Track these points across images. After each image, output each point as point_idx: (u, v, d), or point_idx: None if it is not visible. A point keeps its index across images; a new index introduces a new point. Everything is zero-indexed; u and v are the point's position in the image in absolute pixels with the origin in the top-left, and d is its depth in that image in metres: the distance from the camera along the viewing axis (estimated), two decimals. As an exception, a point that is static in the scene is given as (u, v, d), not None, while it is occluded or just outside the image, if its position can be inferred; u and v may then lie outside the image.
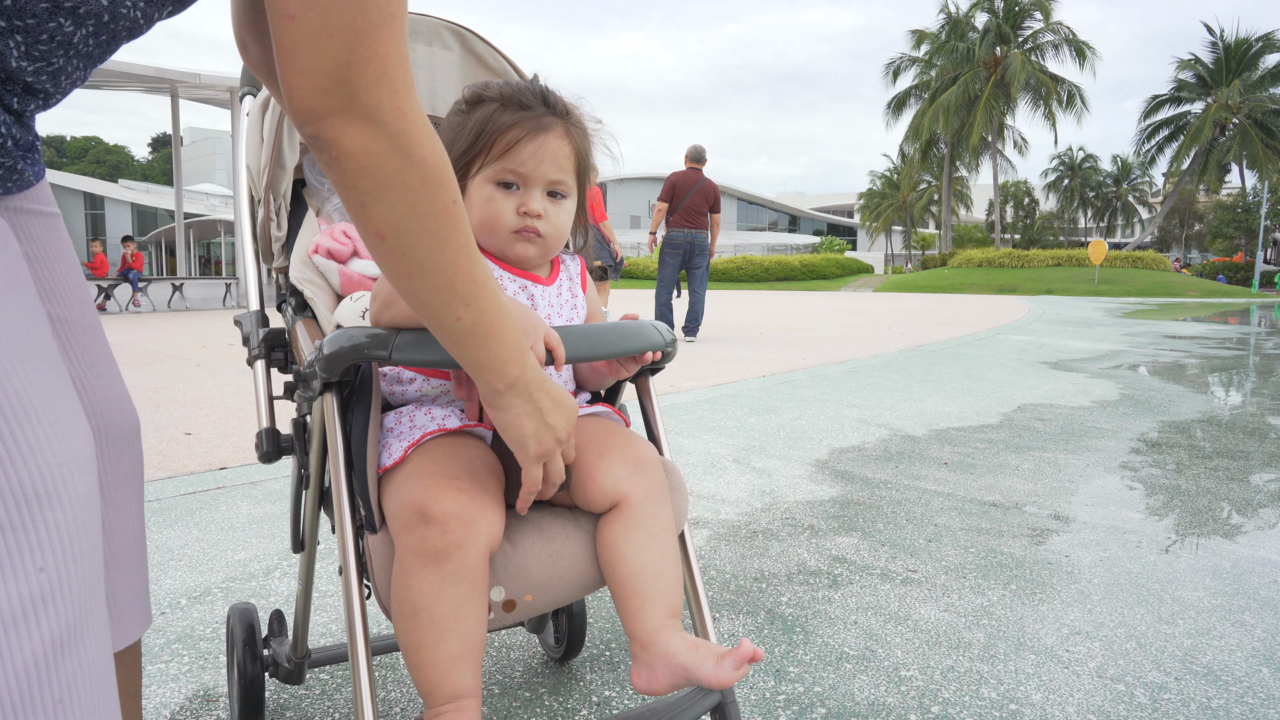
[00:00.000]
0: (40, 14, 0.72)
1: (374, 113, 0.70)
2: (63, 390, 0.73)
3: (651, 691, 0.98)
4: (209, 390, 5.37)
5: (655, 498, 1.06)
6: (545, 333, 0.97)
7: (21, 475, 0.66)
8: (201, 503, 2.90)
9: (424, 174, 0.75)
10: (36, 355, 0.71)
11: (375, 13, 0.68)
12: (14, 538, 0.66)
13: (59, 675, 0.67)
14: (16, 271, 0.72)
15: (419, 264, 0.79)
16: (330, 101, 0.69)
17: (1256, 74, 45.11)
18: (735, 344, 9.03)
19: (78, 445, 0.72)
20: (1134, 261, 37.03)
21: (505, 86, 1.13)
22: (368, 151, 0.71)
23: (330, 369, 0.95)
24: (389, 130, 0.71)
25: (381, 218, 0.75)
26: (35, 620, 0.65)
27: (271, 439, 1.21)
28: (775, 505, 2.98)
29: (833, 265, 45.71)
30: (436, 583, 0.92)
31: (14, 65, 0.73)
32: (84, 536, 0.71)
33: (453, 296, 0.81)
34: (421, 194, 0.75)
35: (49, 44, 0.74)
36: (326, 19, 0.66)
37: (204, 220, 29.78)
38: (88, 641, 0.70)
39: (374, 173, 0.73)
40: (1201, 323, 14.64)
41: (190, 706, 1.60)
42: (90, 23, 0.76)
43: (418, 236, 0.77)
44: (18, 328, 0.69)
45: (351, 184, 0.73)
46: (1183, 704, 1.63)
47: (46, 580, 0.66)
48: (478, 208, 1.11)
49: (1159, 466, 3.65)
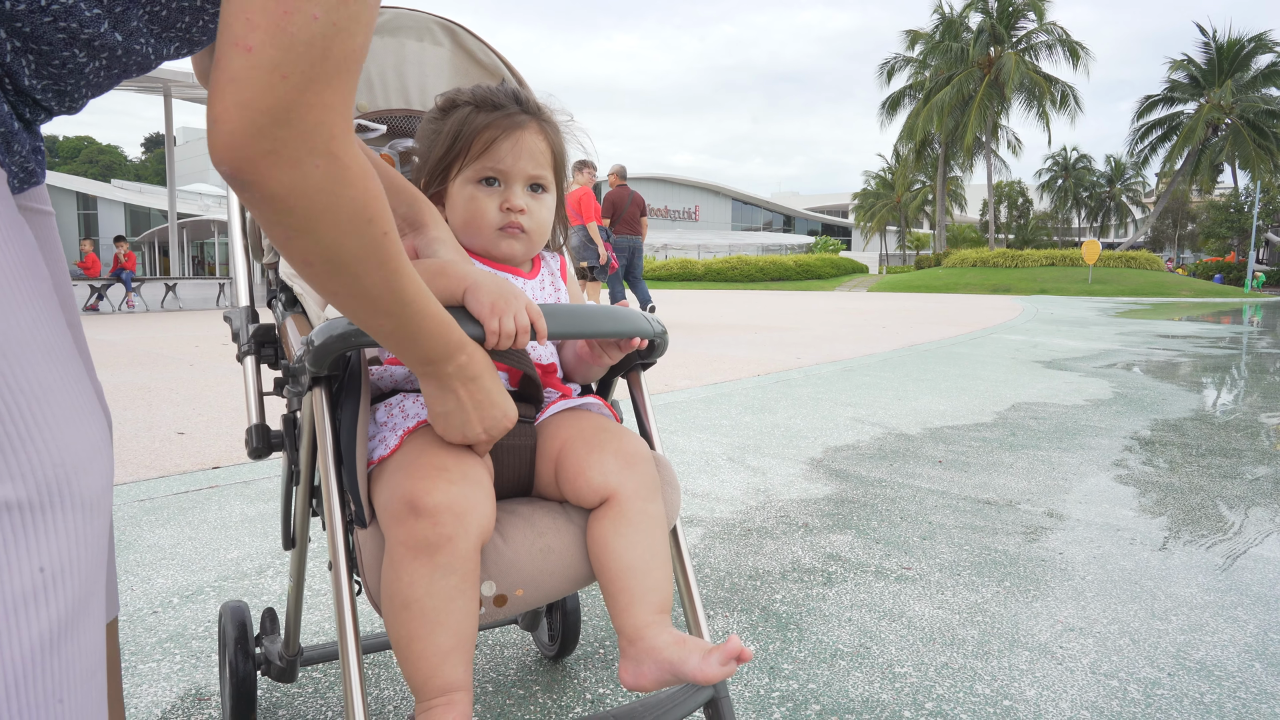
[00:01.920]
0: (56, 43, 0.74)
1: (306, 157, 0.67)
2: (80, 379, 0.75)
3: (639, 687, 0.98)
4: (202, 389, 5.35)
5: (646, 493, 1.05)
6: (526, 303, 0.96)
7: (34, 461, 0.69)
8: (194, 501, 2.89)
9: (353, 211, 0.72)
10: (54, 344, 0.73)
11: (334, 62, 0.65)
12: (24, 521, 0.68)
13: (58, 661, 0.69)
14: (34, 261, 0.74)
15: (344, 285, 0.78)
16: (261, 144, 0.64)
17: (1249, 74, 45.29)
18: (730, 343, 9.04)
19: (93, 433, 0.75)
20: (1127, 261, 37.14)
21: (477, 90, 1.15)
22: (295, 193, 0.68)
23: (319, 361, 0.95)
24: (319, 172, 0.68)
25: (308, 250, 0.73)
26: (40, 606, 0.68)
27: (261, 435, 1.21)
28: (770, 503, 2.97)
29: (827, 265, 45.75)
30: (427, 575, 0.91)
31: (26, 84, 0.75)
32: (92, 526, 0.73)
33: (376, 310, 0.82)
34: (350, 230, 0.73)
35: (60, 69, 0.76)
36: (285, 59, 0.63)
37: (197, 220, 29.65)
38: (86, 629, 0.73)
39: (300, 212, 0.69)
40: (1194, 322, 14.69)
41: (182, 705, 1.60)
42: (104, 55, 0.78)
43: (344, 266, 0.75)
44: (34, 318, 0.71)
45: (276, 221, 0.71)
46: (1176, 700, 1.63)
47: (50, 570, 0.69)
48: (461, 208, 1.13)
49: (1152, 464, 3.66)
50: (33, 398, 0.70)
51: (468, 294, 0.96)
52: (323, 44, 0.64)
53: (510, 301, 0.95)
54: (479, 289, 0.95)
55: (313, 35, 0.63)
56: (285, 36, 0.62)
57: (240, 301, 1.31)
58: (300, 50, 0.63)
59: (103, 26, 0.77)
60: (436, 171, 1.17)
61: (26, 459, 0.68)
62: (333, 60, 0.65)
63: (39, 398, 0.70)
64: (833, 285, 41.28)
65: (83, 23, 0.75)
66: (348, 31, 0.65)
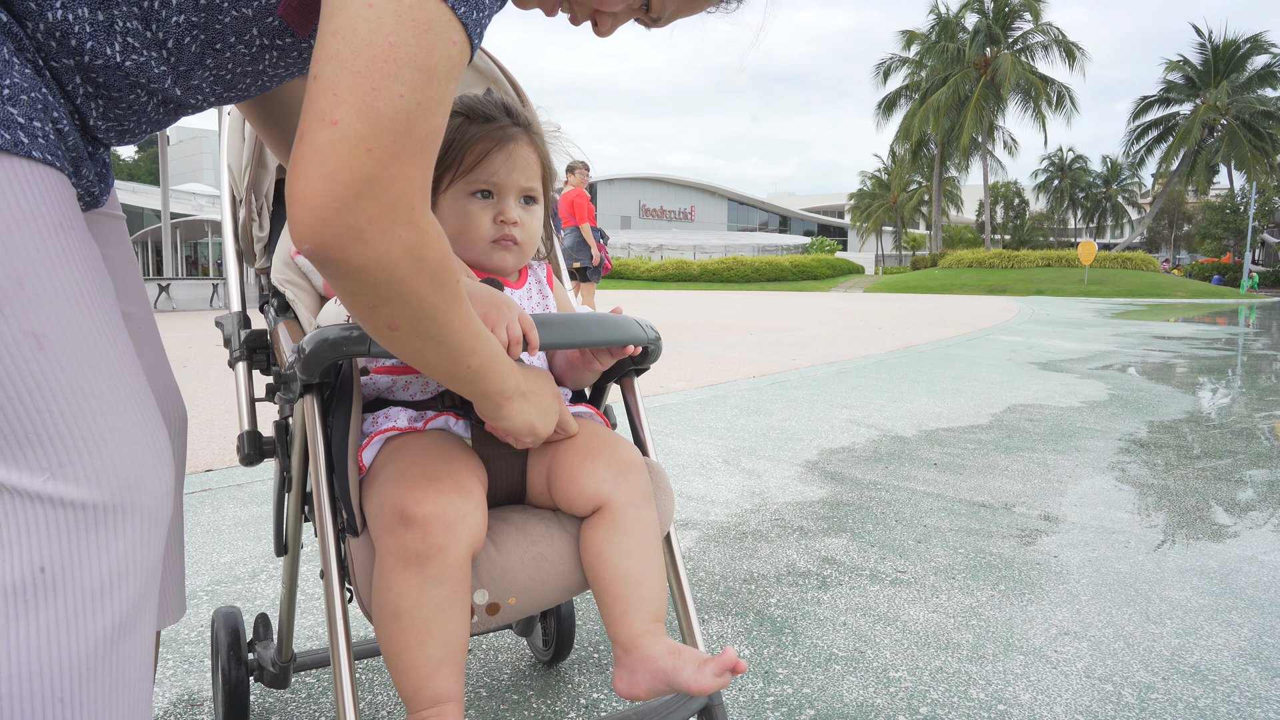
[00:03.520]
0: (122, 89, 0.80)
1: (389, 229, 0.68)
2: (143, 390, 0.80)
3: (633, 696, 0.97)
4: (195, 392, 5.34)
5: (639, 501, 1.05)
6: (519, 313, 0.96)
7: (107, 467, 0.74)
8: (187, 505, 2.88)
9: (434, 274, 0.74)
10: (122, 356, 0.78)
11: (416, 140, 0.67)
12: (97, 522, 0.73)
13: (119, 654, 0.75)
14: (102, 275, 0.78)
15: (430, 340, 0.80)
16: (346, 219, 0.66)
17: (1244, 75, 45.42)
18: (725, 345, 9.04)
19: (158, 443, 0.80)
20: (1123, 262, 37.24)
21: (465, 99, 1.15)
22: (379, 265, 0.70)
23: (310, 369, 0.94)
24: (402, 243, 0.70)
25: (393, 315, 0.75)
26: (108, 600, 0.74)
27: (253, 441, 1.20)
28: (765, 506, 2.97)
29: (823, 266, 45.81)
30: (418, 585, 0.91)
31: (92, 123, 0.81)
32: (155, 529, 0.79)
33: (460, 353, 0.84)
34: (430, 290, 0.75)
35: (125, 111, 0.82)
36: (371, 133, 0.64)
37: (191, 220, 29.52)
38: (143, 626, 0.78)
39: (385, 284, 0.71)
40: (1190, 323, 14.72)
41: (174, 711, 1.59)
42: (158, 97, 0.84)
43: (429, 323, 0.78)
44: (106, 331, 0.76)
45: (360, 293, 0.72)
46: (1170, 704, 1.63)
47: (118, 567, 0.74)
48: (453, 220, 1.13)
49: (1147, 467, 3.67)
50: (106, 407, 0.74)
51: None
52: (406, 121, 0.66)
53: (503, 313, 0.94)
54: (471, 300, 0.95)
55: (397, 112, 0.65)
56: (371, 112, 0.64)
57: (233, 307, 1.30)
58: (385, 126, 0.65)
59: (166, 82, 0.82)
60: None
61: (101, 464, 0.73)
62: (415, 137, 0.67)
63: (111, 407, 0.75)
64: (828, 286, 41.35)
65: (151, 79, 0.80)
66: (429, 111, 0.67)
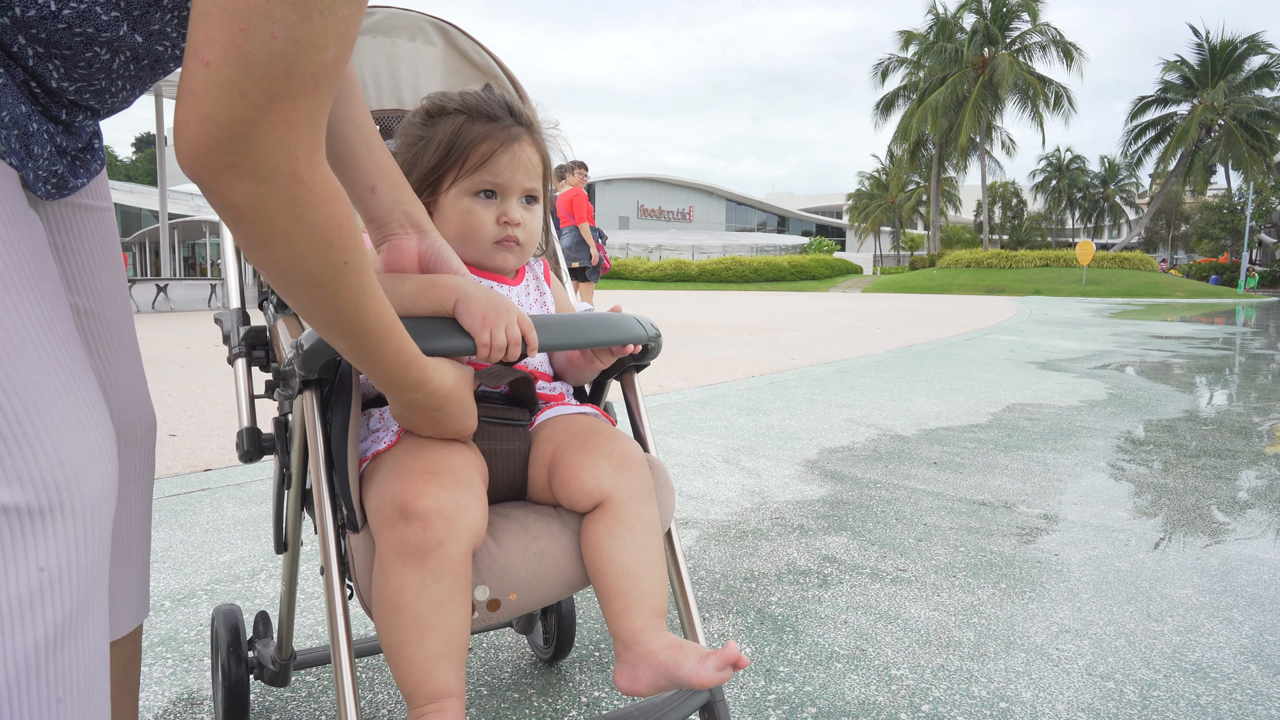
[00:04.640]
0: (75, 46, 0.74)
1: (267, 175, 0.64)
2: (82, 385, 0.76)
3: (634, 692, 0.97)
4: (193, 391, 5.33)
5: (640, 497, 1.05)
6: (519, 315, 0.96)
7: (31, 467, 0.69)
8: (186, 504, 2.87)
9: (313, 237, 0.70)
10: (55, 350, 0.73)
11: (299, 80, 0.62)
12: (22, 525, 0.69)
13: (56, 665, 0.70)
14: (39, 264, 0.74)
15: (301, 302, 0.77)
16: (221, 156, 0.62)
17: (1241, 75, 45.44)
18: (724, 345, 9.04)
19: (94, 439, 0.75)
20: (1121, 262, 37.25)
21: (467, 97, 1.14)
22: (254, 208, 0.66)
23: (308, 365, 0.94)
24: (279, 193, 0.66)
25: (266, 261, 0.72)
26: (38, 610, 0.69)
27: (252, 438, 1.20)
28: (765, 505, 2.97)
29: (821, 266, 45.80)
30: (418, 580, 0.90)
31: (54, 85, 0.76)
32: (92, 531, 0.74)
33: (332, 331, 0.81)
34: (309, 254, 0.71)
35: (88, 69, 0.77)
36: (243, 77, 0.59)
37: (188, 221, 29.46)
38: (86, 633, 0.74)
39: (260, 225, 0.68)
40: (1188, 323, 14.74)
41: (174, 709, 1.58)
42: (125, 52, 0.78)
43: (301, 287, 0.75)
44: (34, 323, 0.71)
45: (236, 230, 0.69)
46: (1172, 701, 1.63)
47: (49, 574, 0.70)
48: (456, 220, 1.12)
49: (1147, 465, 3.67)
50: (30, 404, 0.70)
51: (458, 306, 0.95)
52: (284, 62, 0.60)
53: (502, 314, 0.94)
54: (470, 301, 0.95)
55: (271, 54, 0.59)
56: (242, 55, 0.59)
57: (231, 303, 1.30)
58: (259, 69, 0.60)
59: (121, 29, 0.77)
60: (427, 181, 1.15)
61: (25, 464, 0.69)
62: (297, 78, 0.61)
63: (37, 404, 0.70)
64: (827, 286, 41.34)
65: (100, 26, 0.75)
66: (313, 47, 0.61)
